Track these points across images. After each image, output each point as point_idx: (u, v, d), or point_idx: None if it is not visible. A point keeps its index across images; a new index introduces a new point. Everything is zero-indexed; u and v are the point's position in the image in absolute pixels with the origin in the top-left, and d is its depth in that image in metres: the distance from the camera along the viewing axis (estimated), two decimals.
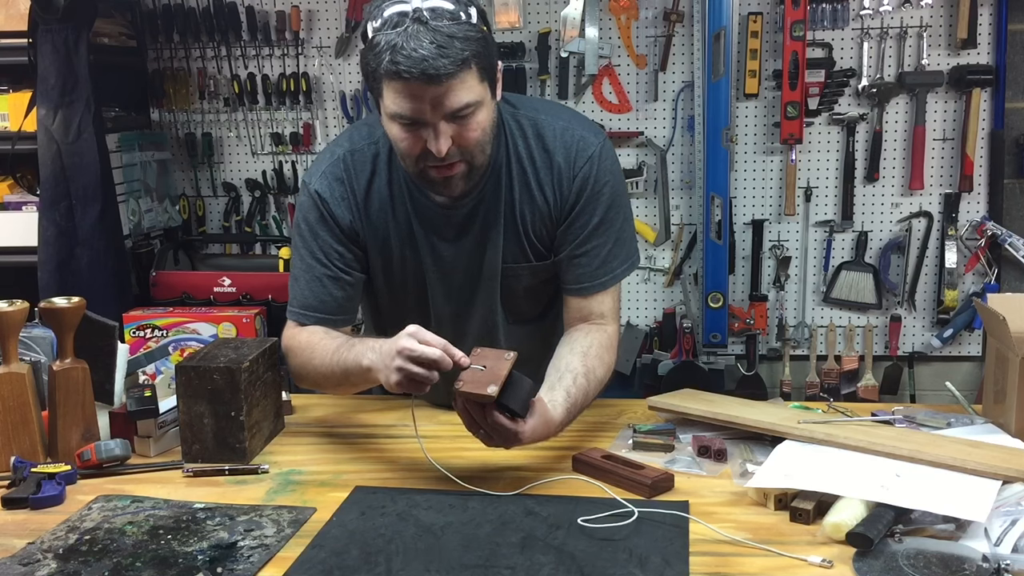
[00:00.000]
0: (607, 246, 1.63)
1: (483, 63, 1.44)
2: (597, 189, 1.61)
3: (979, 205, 3.35)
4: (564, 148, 1.61)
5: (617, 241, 1.64)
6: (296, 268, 1.68)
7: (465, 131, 1.46)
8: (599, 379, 1.58)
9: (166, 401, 1.64)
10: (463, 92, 1.42)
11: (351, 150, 1.65)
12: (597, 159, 1.61)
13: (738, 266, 3.49)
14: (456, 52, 1.38)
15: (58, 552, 1.27)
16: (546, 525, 1.30)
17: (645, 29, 3.41)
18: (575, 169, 1.60)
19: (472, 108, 1.44)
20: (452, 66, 1.38)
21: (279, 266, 3.39)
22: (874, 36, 3.28)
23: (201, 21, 3.52)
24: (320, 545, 1.28)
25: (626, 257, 1.67)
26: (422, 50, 1.37)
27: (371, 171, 1.64)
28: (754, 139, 3.42)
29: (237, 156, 3.70)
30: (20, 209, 3.24)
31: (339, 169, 1.64)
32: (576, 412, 1.52)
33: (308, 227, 1.65)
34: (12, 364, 1.54)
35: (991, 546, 1.18)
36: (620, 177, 1.67)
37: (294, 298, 1.68)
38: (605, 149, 1.63)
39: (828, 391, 3.40)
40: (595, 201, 1.61)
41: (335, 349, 1.55)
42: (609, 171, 1.63)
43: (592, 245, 1.63)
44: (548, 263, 1.67)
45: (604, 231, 1.62)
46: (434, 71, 1.37)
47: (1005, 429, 1.53)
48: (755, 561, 1.20)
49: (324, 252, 1.64)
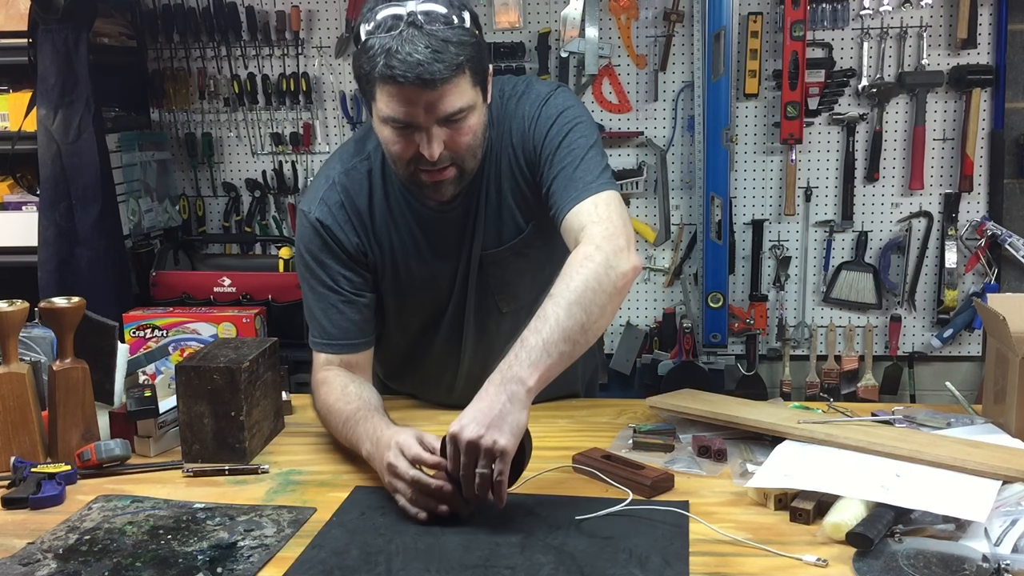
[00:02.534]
0: (574, 164, 1.54)
1: (476, 67, 1.44)
2: (554, 117, 1.57)
3: (979, 205, 3.35)
4: (527, 105, 1.59)
5: (585, 159, 1.54)
6: (309, 299, 1.67)
7: (457, 135, 1.46)
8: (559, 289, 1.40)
9: (166, 401, 1.64)
10: (456, 97, 1.42)
11: (344, 171, 1.64)
12: (550, 97, 1.59)
13: (738, 266, 3.49)
14: (451, 57, 1.38)
15: (58, 552, 1.27)
16: (546, 525, 1.30)
17: (645, 29, 3.41)
18: (534, 114, 1.58)
19: (465, 113, 1.45)
20: (447, 71, 1.38)
21: (279, 266, 3.39)
22: (874, 36, 3.29)
23: (201, 21, 3.53)
24: (320, 545, 1.28)
25: (598, 175, 1.54)
26: (417, 54, 1.37)
27: (368, 187, 1.63)
28: (754, 139, 3.42)
29: (237, 156, 3.70)
30: (20, 209, 3.25)
31: (337, 193, 1.63)
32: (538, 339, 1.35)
33: (312, 257, 1.64)
34: (12, 364, 1.54)
35: (991, 546, 1.18)
36: (581, 110, 1.61)
37: (314, 330, 1.67)
38: (560, 89, 1.62)
39: (828, 391, 3.40)
40: (555, 126, 1.56)
41: (344, 421, 1.55)
42: (564, 104, 1.59)
43: (560, 167, 1.54)
44: (529, 230, 1.64)
45: (568, 151, 1.54)
46: (429, 76, 1.37)
47: (1005, 429, 1.53)
48: (755, 561, 1.20)
49: (333, 279, 1.64)
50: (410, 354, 1.79)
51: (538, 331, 1.35)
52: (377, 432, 1.45)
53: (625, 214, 1.51)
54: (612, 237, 1.44)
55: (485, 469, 1.28)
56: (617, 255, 1.42)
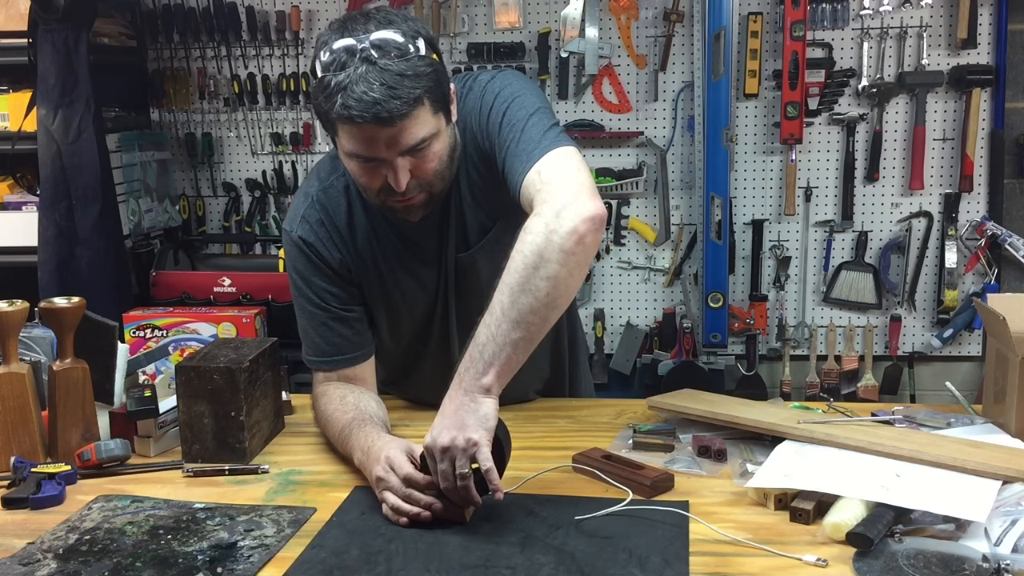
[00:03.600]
0: (515, 140, 1.48)
1: (435, 96, 1.42)
2: (489, 107, 1.53)
3: (979, 205, 3.35)
4: (471, 100, 1.56)
5: (524, 130, 1.48)
6: (301, 318, 1.68)
7: (423, 163, 1.45)
8: (504, 277, 1.36)
9: (166, 401, 1.64)
10: (418, 128, 1.40)
11: (322, 188, 1.63)
12: (487, 85, 1.56)
13: (738, 266, 3.49)
14: (407, 92, 1.36)
15: (58, 552, 1.27)
16: (546, 525, 1.30)
17: (645, 29, 3.41)
18: (476, 106, 1.55)
19: (428, 141, 1.43)
20: (404, 107, 1.36)
21: (279, 266, 3.39)
22: (874, 36, 3.29)
23: (201, 21, 3.53)
24: (320, 545, 1.28)
25: (540, 139, 1.46)
26: (372, 93, 1.34)
27: (347, 203, 1.62)
28: (754, 139, 3.42)
29: (237, 156, 3.70)
30: (20, 209, 3.25)
31: (316, 211, 1.62)
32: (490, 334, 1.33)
33: (299, 276, 1.64)
34: (12, 364, 1.54)
35: (991, 546, 1.18)
36: (516, 87, 1.54)
37: (308, 348, 1.67)
38: (499, 75, 1.57)
39: (828, 391, 3.40)
40: (492, 115, 1.52)
41: (340, 430, 1.55)
42: (500, 86, 1.54)
43: (504, 149, 1.49)
44: (493, 231, 1.61)
45: (508, 130, 1.50)
46: (387, 114, 1.35)
47: (1005, 429, 1.53)
48: (755, 561, 1.20)
49: (320, 297, 1.63)
50: (405, 362, 1.79)
51: (487, 325, 1.34)
52: (368, 442, 1.45)
53: (574, 165, 1.42)
54: (553, 198, 1.36)
55: (466, 468, 1.28)
56: (560, 215, 1.33)
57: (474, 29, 3.47)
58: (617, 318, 3.59)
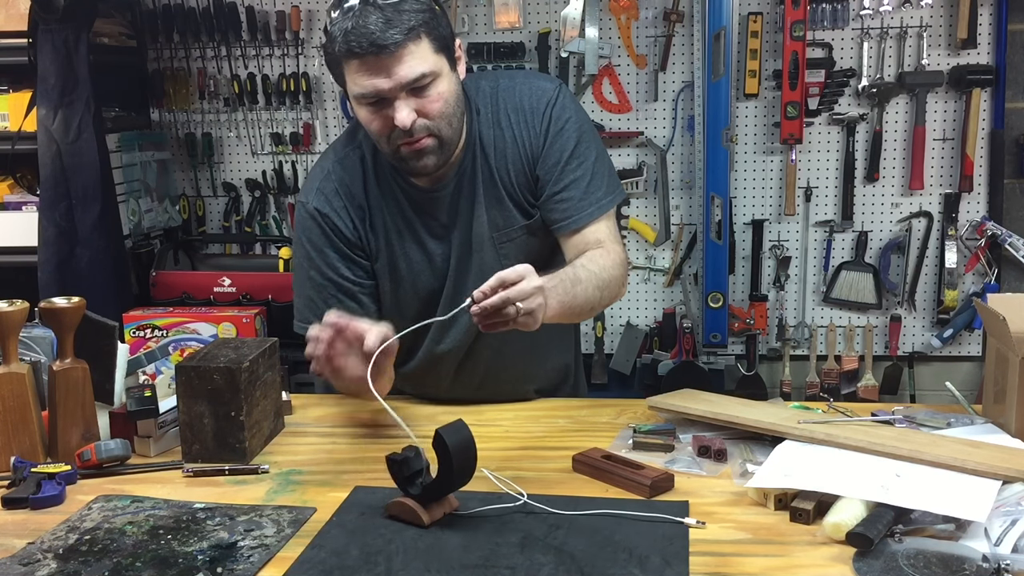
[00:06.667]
0: (585, 178, 1.66)
1: (434, 33, 1.49)
2: (561, 124, 1.66)
3: (979, 205, 3.35)
4: (527, 97, 1.67)
5: (595, 174, 1.67)
6: (307, 289, 1.69)
7: (427, 103, 1.51)
8: (590, 271, 1.57)
9: (166, 401, 1.64)
10: (417, 62, 1.47)
11: (338, 160, 1.70)
12: (556, 98, 1.67)
13: (738, 266, 3.49)
14: (403, 22, 1.45)
15: (58, 552, 1.27)
16: (546, 525, 1.30)
17: (645, 29, 3.41)
18: (538, 111, 1.66)
19: (429, 79, 1.49)
20: (400, 35, 1.44)
21: (279, 266, 3.40)
22: (874, 36, 3.29)
23: (201, 21, 3.52)
24: (320, 545, 1.28)
25: (609, 189, 1.69)
26: (371, 26, 1.43)
27: (362, 173, 1.68)
28: (754, 139, 3.42)
29: (237, 156, 3.70)
30: (20, 209, 3.25)
31: (333, 182, 1.68)
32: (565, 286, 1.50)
33: (312, 246, 1.68)
34: (12, 364, 1.54)
35: (991, 546, 1.18)
36: (583, 116, 1.71)
37: (309, 315, 1.66)
38: (563, 90, 1.70)
39: (828, 391, 3.40)
40: (562, 136, 1.66)
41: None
42: (570, 108, 1.68)
43: (570, 179, 1.66)
44: (538, 217, 1.69)
45: (578, 164, 1.66)
46: (383, 42, 1.43)
47: (1005, 429, 1.53)
48: (755, 561, 1.20)
49: (333, 268, 1.67)
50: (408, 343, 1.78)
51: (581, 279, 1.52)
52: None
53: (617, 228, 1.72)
54: (625, 264, 1.66)
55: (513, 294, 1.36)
56: (624, 282, 1.65)
57: (474, 29, 3.47)
58: (617, 318, 3.59)
